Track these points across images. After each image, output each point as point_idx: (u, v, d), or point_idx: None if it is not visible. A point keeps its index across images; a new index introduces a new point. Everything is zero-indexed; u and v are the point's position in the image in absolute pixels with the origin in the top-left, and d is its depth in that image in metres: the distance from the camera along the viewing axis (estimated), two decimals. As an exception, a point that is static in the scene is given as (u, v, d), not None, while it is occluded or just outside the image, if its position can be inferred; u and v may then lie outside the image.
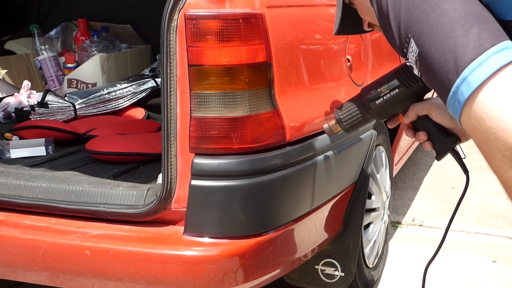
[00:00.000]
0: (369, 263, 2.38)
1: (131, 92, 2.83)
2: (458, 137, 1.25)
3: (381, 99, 1.27)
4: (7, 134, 2.40)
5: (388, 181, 2.58)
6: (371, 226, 2.43)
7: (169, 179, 1.53)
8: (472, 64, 0.85)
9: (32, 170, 1.89)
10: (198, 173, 1.50)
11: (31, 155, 2.18)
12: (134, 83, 2.88)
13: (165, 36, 1.48)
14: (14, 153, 2.17)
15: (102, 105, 2.74)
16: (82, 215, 1.64)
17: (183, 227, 1.54)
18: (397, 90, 1.25)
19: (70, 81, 3.05)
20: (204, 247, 1.51)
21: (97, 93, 2.75)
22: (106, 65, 3.06)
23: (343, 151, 1.89)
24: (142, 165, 2.07)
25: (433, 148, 1.26)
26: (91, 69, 3.05)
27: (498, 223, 3.19)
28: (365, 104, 1.28)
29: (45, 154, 2.20)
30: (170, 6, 1.48)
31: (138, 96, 2.84)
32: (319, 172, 1.77)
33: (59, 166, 2.01)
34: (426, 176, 4.03)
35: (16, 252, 1.66)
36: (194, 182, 1.50)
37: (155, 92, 2.86)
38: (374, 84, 1.29)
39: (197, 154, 1.51)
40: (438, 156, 1.27)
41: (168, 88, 1.50)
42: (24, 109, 2.62)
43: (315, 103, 1.75)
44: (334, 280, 2.09)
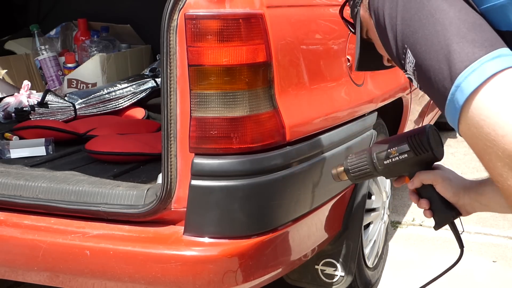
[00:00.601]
0: (369, 263, 2.37)
1: (131, 92, 2.83)
2: (459, 212, 1.26)
3: (390, 160, 1.28)
4: (7, 134, 2.40)
5: (388, 181, 2.58)
6: (371, 226, 2.43)
7: (169, 179, 1.53)
8: (466, 71, 0.84)
9: (32, 170, 1.89)
10: (198, 173, 1.50)
11: (31, 155, 2.18)
12: (134, 83, 2.88)
13: (165, 36, 1.48)
14: (14, 153, 2.17)
15: (102, 105, 2.74)
16: (82, 215, 1.64)
17: (183, 227, 1.54)
18: (406, 155, 1.26)
19: (70, 81, 3.05)
20: (204, 247, 1.51)
21: (97, 93, 2.75)
22: (106, 65, 3.06)
23: (343, 151, 1.89)
24: (142, 165, 2.07)
25: (433, 218, 1.27)
26: (91, 69, 3.05)
27: (498, 223, 3.19)
28: (374, 162, 1.30)
29: (45, 154, 2.20)
30: (170, 6, 1.47)
31: (138, 96, 2.84)
32: (319, 172, 1.77)
33: (59, 166, 2.01)
34: (426, 176, 4.02)
35: (16, 252, 1.66)
36: (194, 182, 1.50)
37: (155, 92, 2.86)
38: (386, 143, 1.30)
39: (197, 154, 1.51)
40: (436, 226, 1.29)
41: (168, 88, 1.50)
42: (24, 109, 2.62)
43: (315, 103, 1.75)
44: (334, 280, 2.09)
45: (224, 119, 1.49)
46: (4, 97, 2.82)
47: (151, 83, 2.91)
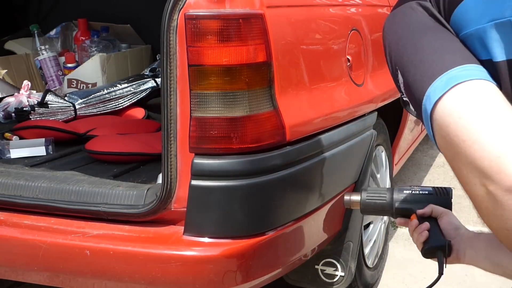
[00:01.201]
0: (369, 263, 2.37)
1: (131, 92, 2.83)
2: (452, 248, 1.28)
3: (410, 192, 1.34)
4: (7, 134, 2.40)
5: (388, 181, 2.58)
6: (371, 226, 2.43)
7: (169, 179, 1.53)
8: (435, 82, 0.87)
9: (32, 170, 1.89)
10: (198, 173, 1.50)
11: (31, 155, 2.18)
12: (134, 83, 2.88)
13: (165, 36, 1.48)
14: (14, 153, 2.17)
15: (102, 105, 2.74)
16: (82, 215, 1.64)
17: (183, 227, 1.54)
18: (427, 193, 1.34)
19: (70, 81, 3.05)
20: (204, 247, 1.51)
21: (97, 93, 2.75)
22: (106, 65, 3.06)
23: (343, 151, 1.89)
24: (142, 165, 2.07)
25: (426, 240, 1.29)
26: (91, 69, 3.05)
27: (498, 223, 3.18)
28: (393, 190, 1.35)
29: (45, 154, 2.20)
30: (170, 6, 1.47)
31: (138, 96, 2.84)
32: (319, 172, 1.77)
33: (59, 166, 2.01)
34: (426, 176, 4.03)
35: (16, 252, 1.66)
36: (194, 182, 1.50)
37: (155, 92, 2.86)
38: (410, 186, 1.37)
39: (197, 154, 1.51)
40: (423, 252, 1.30)
41: (168, 88, 1.50)
42: (24, 109, 2.62)
43: (315, 103, 1.75)
44: (334, 280, 2.09)
45: (224, 119, 1.49)
46: (4, 97, 2.83)
47: (151, 83, 2.91)
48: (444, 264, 1.29)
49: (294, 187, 1.64)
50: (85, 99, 2.71)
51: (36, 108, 2.60)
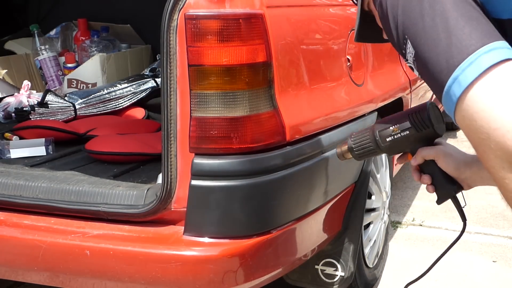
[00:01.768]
0: (369, 263, 2.37)
1: (131, 92, 2.83)
2: (461, 186, 1.27)
3: (392, 137, 1.30)
4: (7, 134, 2.40)
5: (388, 181, 2.58)
6: (371, 226, 2.43)
7: (169, 179, 1.53)
8: (463, 64, 0.86)
9: (32, 170, 1.89)
10: (198, 173, 1.50)
11: (31, 155, 2.18)
12: (134, 83, 2.88)
13: (165, 36, 1.48)
14: (14, 153, 2.17)
15: (102, 105, 2.74)
16: (82, 215, 1.64)
17: (183, 227, 1.54)
18: (408, 132, 1.29)
19: (70, 81, 3.05)
20: (204, 247, 1.51)
21: (97, 93, 2.75)
22: (106, 65, 3.06)
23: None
24: (142, 165, 2.07)
25: (435, 192, 1.29)
26: (91, 69, 3.05)
27: (498, 223, 3.19)
28: (377, 139, 1.32)
29: (45, 154, 2.20)
30: (170, 6, 1.47)
31: (138, 96, 2.84)
32: (319, 172, 1.77)
33: (59, 166, 2.01)
34: (426, 176, 4.02)
35: (16, 252, 1.66)
36: (194, 182, 1.50)
37: (155, 92, 2.86)
38: (388, 121, 1.33)
39: (197, 154, 1.51)
40: (438, 201, 1.31)
41: (168, 88, 1.50)
42: (24, 109, 2.62)
43: (315, 103, 1.75)
44: (334, 280, 2.09)
45: (224, 119, 1.49)
46: (4, 97, 2.83)
47: (151, 83, 2.91)
48: (463, 205, 1.28)
49: (294, 187, 1.64)
50: (85, 99, 2.71)
51: (36, 108, 2.60)
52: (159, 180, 1.67)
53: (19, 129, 2.41)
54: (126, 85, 2.84)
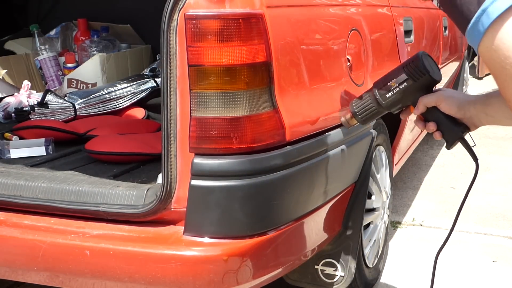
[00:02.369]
0: (369, 263, 2.37)
1: (131, 92, 2.83)
2: (467, 126, 1.27)
3: (391, 93, 1.33)
4: (7, 134, 2.40)
5: (388, 181, 2.58)
6: (371, 226, 2.43)
7: (169, 179, 1.53)
8: None
9: (32, 170, 1.89)
10: (198, 173, 1.50)
11: (31, 155, 2.18)
12: (134, 83, 2.88)
13: (165, 36, 1.48)
14: (14, 153, 2.17)
15: (102, 105, 2.74)
16: (82, 215, 1.64)
17: (183, 227, 1.54)
18: (406, 84, 1.31)
19: (70, 81, 3.05)
20: (204, 247, 1.51)
21: (97, 93, 2.75)
22: (106, 65, 3.06)
23: (343, 151, 1.89)
24: (142, 165, 2.07)
25: (443, 138, 1.29)
26: (91, 69, 3.05)
27: (498, 223, 3.19)
28: (377, 98, 1.33)
29: (45, 154, 2.20)
30: (170, 6, 1.47)
31: (138, 96, 2.84)
32: (319, 172, 1.77)
33: (59, 166, 2.01)
34: (426, 176, 4.03)
35: (16, 252, 1.66)
36: (194, 182, 1.50)
37: (155, 92, 2.86)
38: (384, 78, 1.35)
39: (197, 154, 1.51)
40: (448, 145, 1.32)
41: (168, 88, 1.50)
42: (24, 109, 2.62)
43: (315, 103, 1.75)
44: (334, 280, 2.09)
45: (224, 119, 1.49)
46: (4, 97, 2.83)
47: (151, 83, 2.91)
48: (473, 145, 1.29)
49: (294, 187, 1.64)
50: (85, 99, 2.71)
51: (36, 108, 2.60)
52: (159, 180, 1.67)
53: (19, 129, 2.41)
54: (126, 85, 2.84)
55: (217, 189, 1.50)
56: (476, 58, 7.86)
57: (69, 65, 3.19)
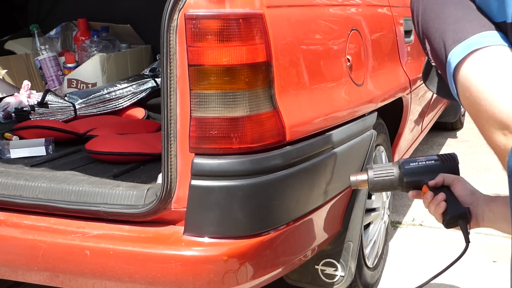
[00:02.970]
0: (369, 263, 2.37)
1: (131, 92, 2.83)
2: (471, 212, 1.32)
3: (416, 163, 1.38)
4: (7, 134, 2.40)
5: (388, 181, 2.58)
6: (371, 226, 2.43)
7: (169, 179, 1.53)
8: (455, 48, 1.02)
9: (32, 170, 1.89)
10: (198, 173, 1.50)
11: (31, 155, 2.18)
12: (134, 83, 2.88)
13: (165, 36, 1.48)
14: (14, 153, 2.17)
15: (102, 105, 2.74)
16: (82, 215, 1.64)
17: (183, 227, 1.54)
18: (433, 162, 1.37)
19: (70, 81, 3.05)
20: (204, 247, 1.51)
21: (97, 93, 2.75)
22: (106, 65, 3.06)
23: (343, 151, 1.89)
24: (142, 165, 2.07)
25: (446, 211, 1.32)
26: (91, 69, 3.05)
27: (498, 223, 3.18)
28: (400, 165, 1.38)
29: (45, 154, 2.20)
30: (170, 6, 1.47)
31: (138, 96, 2.84)
32: (319, 172, 1.77)
33: (59, 166, 2.01)
34: (426, 176, 4.02)
35: (16, 252, 1.66)
36: (194, 182, 1.50)
37: (155, 92, 2.86)
38: (414, 157, 1.41)
39: (197, 154, 1.51)
40: (447, 220, 1.33)
41: (168, 88, 1.50)
42: (24, 109, 2.62)
43: (315, 103, 1.75)
44: (334, 280, 2.09)
45: (224, 119, 1.49)
46: (4, 97, 2.83)
47: (151, 83, 2.91)
48: (469, 231, 1.31)
49: (294, 187, 1.64)
50: (85, 99, 2.71)
51: (36, 108, 2.60)
52: (159, 180, 1.67)
53: (19, 129, 2.41)
54: (126, 85, 2.84)
55: (217, 189, 1.50)
56: None
57: (69, 65, 3.19)
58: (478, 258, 2.77)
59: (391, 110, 2.52)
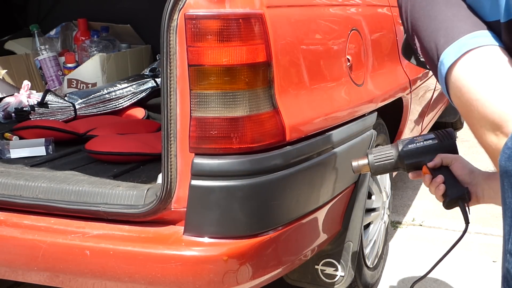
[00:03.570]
0: (369, 263, 2.37)
1: (131, 92, 2.83)
2: (470, 192, 1.33)
3: (414, 145, 1.38)
4: (7, 134, 2.40)
5: (388, 181, 2.58)
6: (371, 226, 2.43)
7: (169, 179, 1.53)
8: (447, 49, 1.01)
9: (32, 170, 1.89)
10: (198, 173, 1.50)
11: (31, 155, 2.18)
12: (134, 83, 2.88)
13: (165, 36, 1.48)
14: (14, 153, 2.17)
15: (102, 105, 2.74)
16: (82, 215, 1.64)
17: (183, 227, 1.54)
18: (431, 142, 1.38)
19: (70, 81, 3.05)
20: (204, 247, 1.51)
21: (97, 93, 2.75)
22: (106, 65, 3.06)
23: (343, 151, 1.89)
24: (142, 165, 2.07)
25: (445, 193, 1.31)
26: (91, 69, 3.05)
27: (498, 223, 3.17)
28: (397, 146, 1.38)
29: (45, 154, 2.20)
30: (170, 6, 1.47)
31: (138, 96, 2.84)
32: (319, 172, 1.77)
33: (59, 166, 2.01)
34: (426, 176, 4.02)
35: (16, 252, 1.66)
36: (194, 182, 1.50)
37: (155, 92, 2.86)
38: (412, 137, 1.41)
39: (197, 154, 1.51)
40: (447, 202, 1.34)
41: (168, 88, 1.50)
42: (24, 109, 2.62)
43: (315, 103, 1.75)
44: (334, 280, 2.09)
45: (224, 119, 1.49)
46: (4, 97, 2.83)
47: (151, 83, 2.91)
48: (468, 211, 1.32)
49: (294, 187, 1.64)
50: (85, 99, 2.71)
51: (36, 108, 2.59)
52: (159, 180, 1.67)
53: (19, 129, 2.41)
54: (126, 85, 2.84)
55: (217, 189, 1.50)
56: None
57: (69, 65, 3.19)
58: (478, 258, 2.77)
59: (391, 110, 2.52)
